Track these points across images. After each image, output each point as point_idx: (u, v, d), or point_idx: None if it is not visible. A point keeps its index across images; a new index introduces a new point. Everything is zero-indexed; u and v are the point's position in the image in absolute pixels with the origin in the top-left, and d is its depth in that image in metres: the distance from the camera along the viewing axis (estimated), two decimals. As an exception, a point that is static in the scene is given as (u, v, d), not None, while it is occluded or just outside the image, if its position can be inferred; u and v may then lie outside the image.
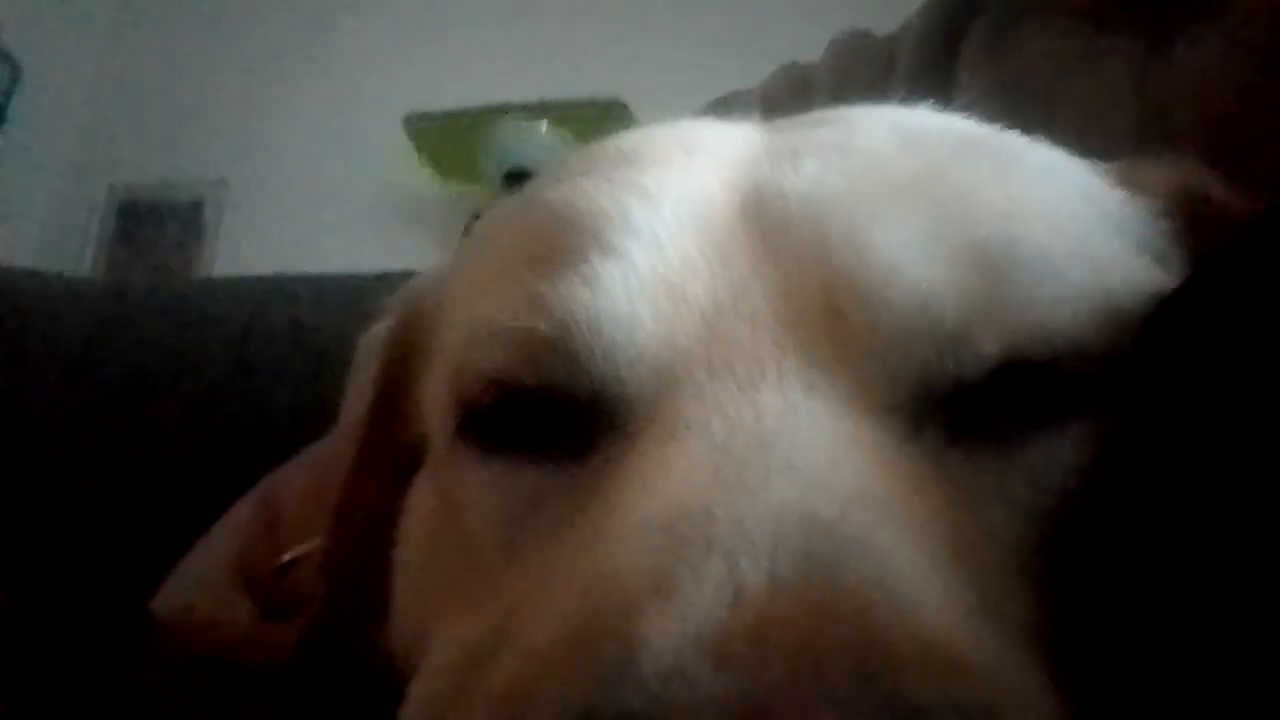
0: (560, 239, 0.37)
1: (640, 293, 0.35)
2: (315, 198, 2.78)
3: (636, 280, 0.35)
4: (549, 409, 0.36)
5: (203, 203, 2.89)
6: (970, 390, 0.33)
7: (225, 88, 2.94)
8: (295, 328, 1.37)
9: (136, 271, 2.86)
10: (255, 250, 2.69)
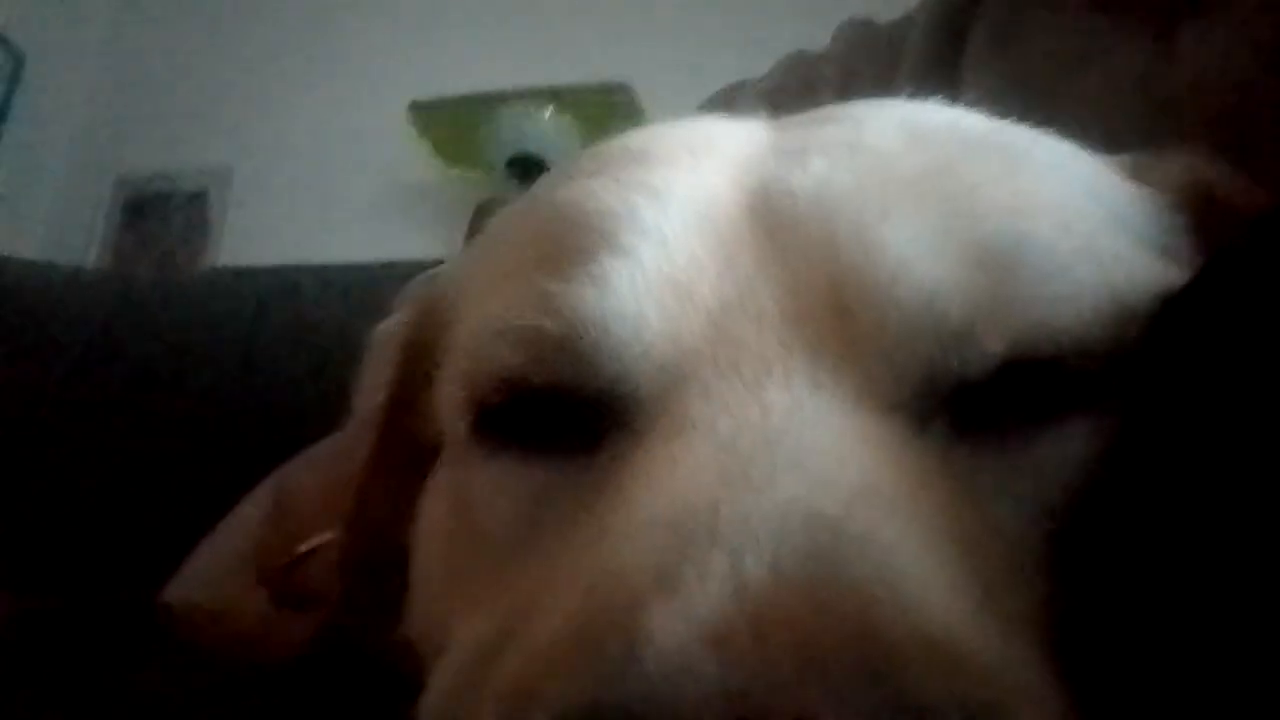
0: (569, 239, 0.38)
1: (647, 292, 0.35)
2: (320, 185, 2.78)
3: (644, 279, 0.36)
4: (559, 407, 0.36)
5: (207, 192, 2.89)
6: (976, 387, 0.33)
7: (229, 77, 2.93)
8: (301, 320, 1.38)
9: (142, 262, 2.86)
10: (260, 239, 2.70)
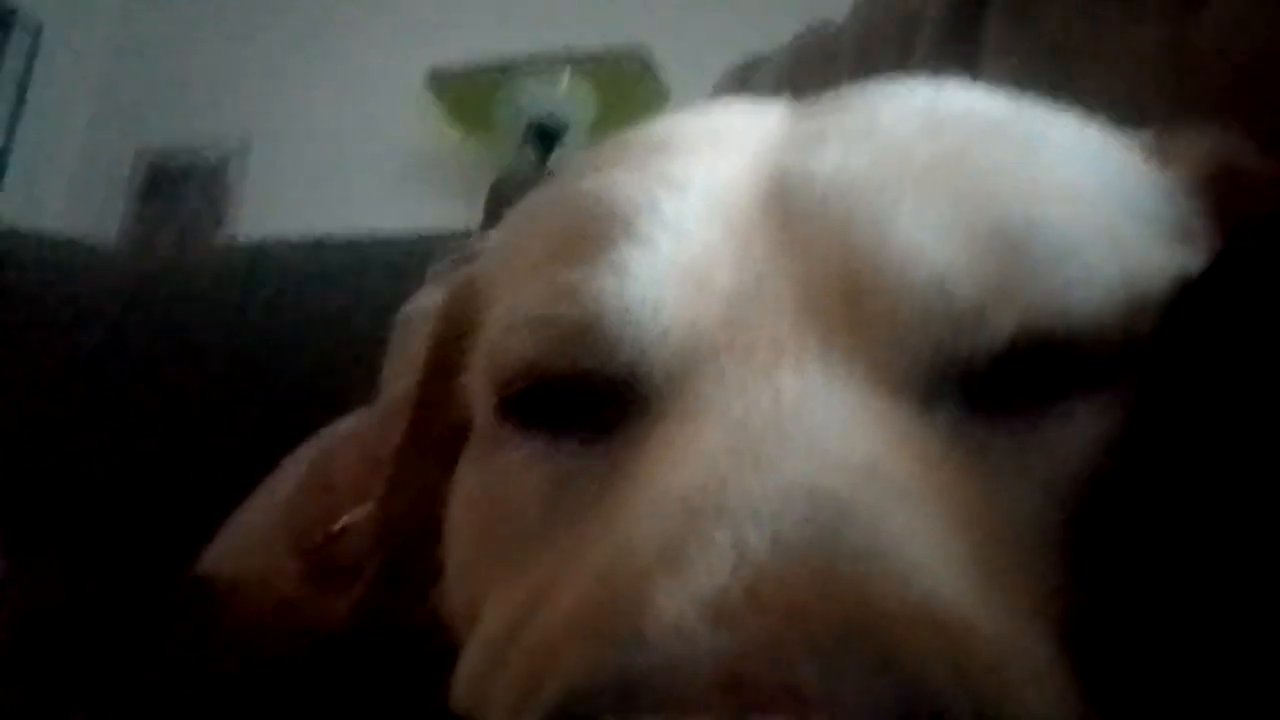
0: (590, 228, 0.39)
1: (666, 279, 0.36)
2: (338, 155, 2.78)
3: (662, 267, 0.37)
4: (581, 392, 0.37)
5: (226, 164, 2.90)
6: (987, 369, 0.34)
7: (246, 48, 2.93)
8: (326, 292, 1.39)
9: (162, 235, 2.88)
10: (280, 210, 2.70)
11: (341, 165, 2.77)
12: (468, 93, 2.60)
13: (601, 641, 0.26)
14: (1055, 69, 0.62)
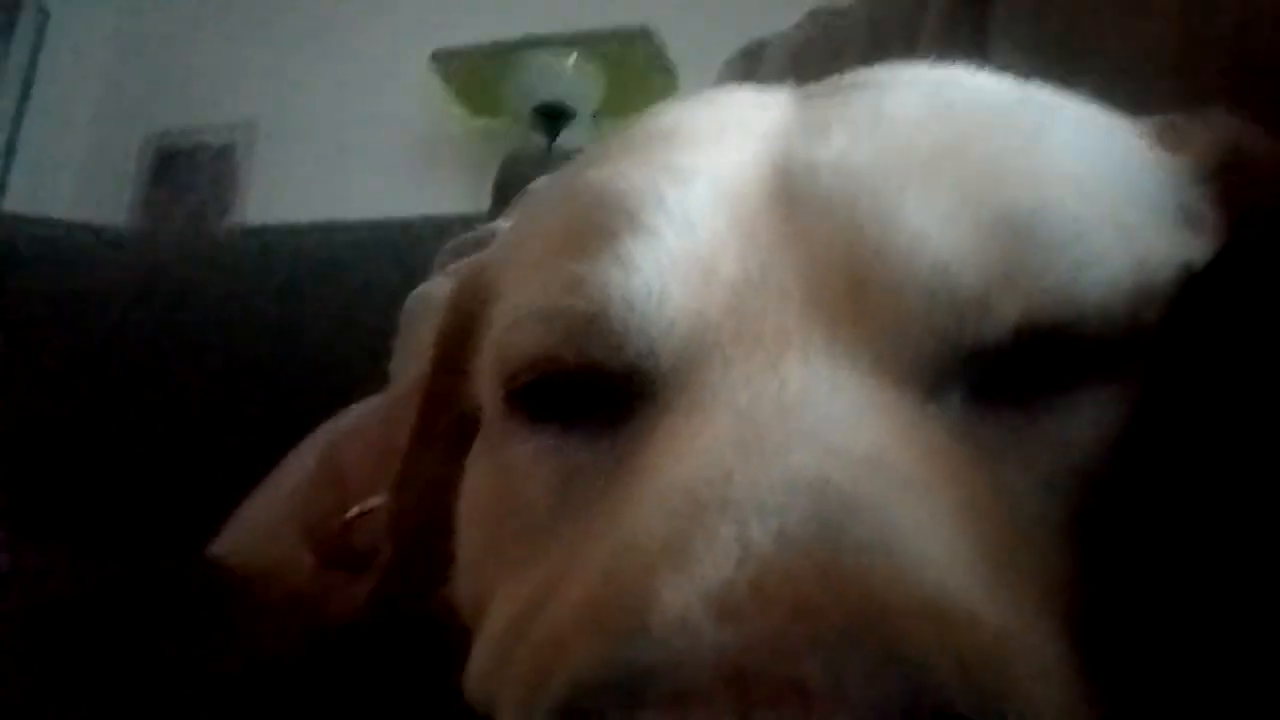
0: (596, 221, 0.39)
1: (671, 270, 0.36)
2: (345, 137, 2.79)
3: (668, 258, 0.37)
4: (589, 383, 0.37)
5: (234, 146, 2.90)
6: (993, 357, 0.34)
7: (253, 30, 2.93)
8: (336, 278, 1.39)
9: (171, 218, 2.89)
10: (288, 192, 2.71)
11: (348, 148, 2.77)
12: (474, 74, 2.59)
13: (607, 636, 0.26)
14: (1063, 53, 0.62)
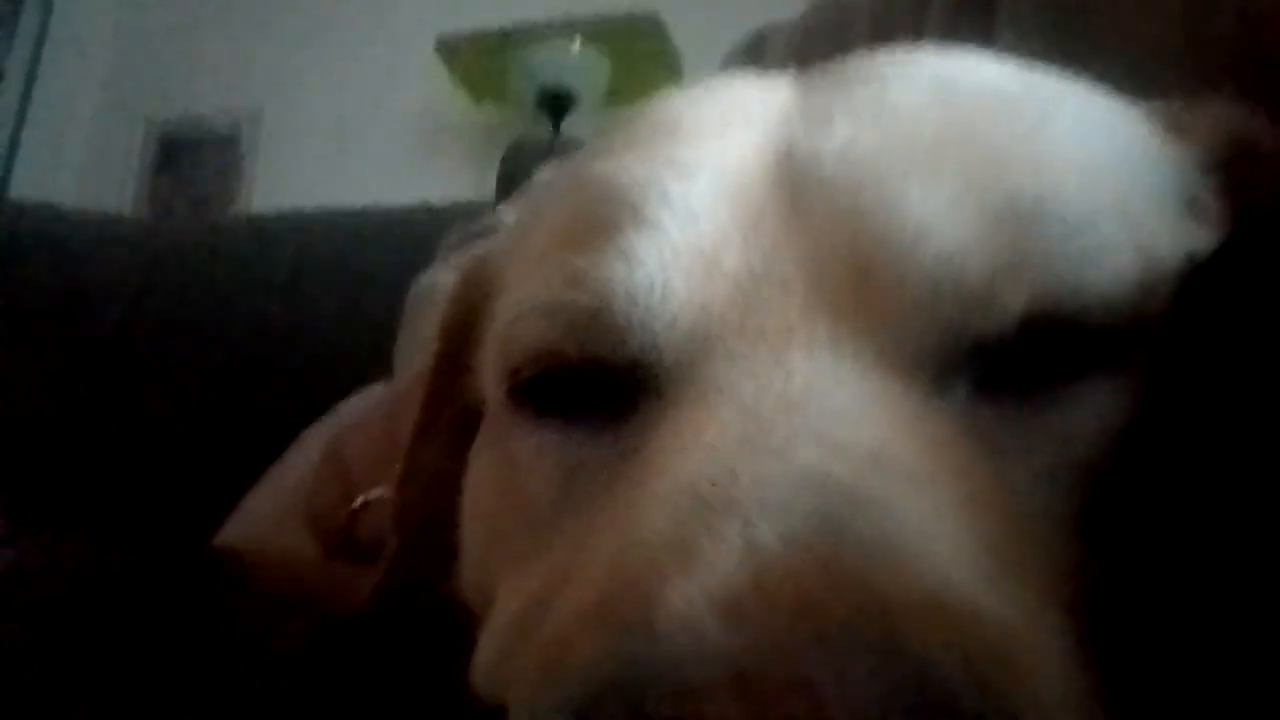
0: (599, 214, 0.39)
1: (674, 264, 0.36)
2: (349, 124, 2.78)
3: (670, 252, 0.37)
4: (593, 378, 0.37)
5: (238, 134, 2.90)
6: (998, 348, 0.34)
7: (256, 17, 2.92)
8: (340, 265, 1.39)
9: (176, 205, 2.89)
10: (292, 179, 2.71)
11: (352, 136, 2.77)
12: (478, 61, 2.58)
13: (613, 636, 0.26)
14: (1071, 38, 0.62)
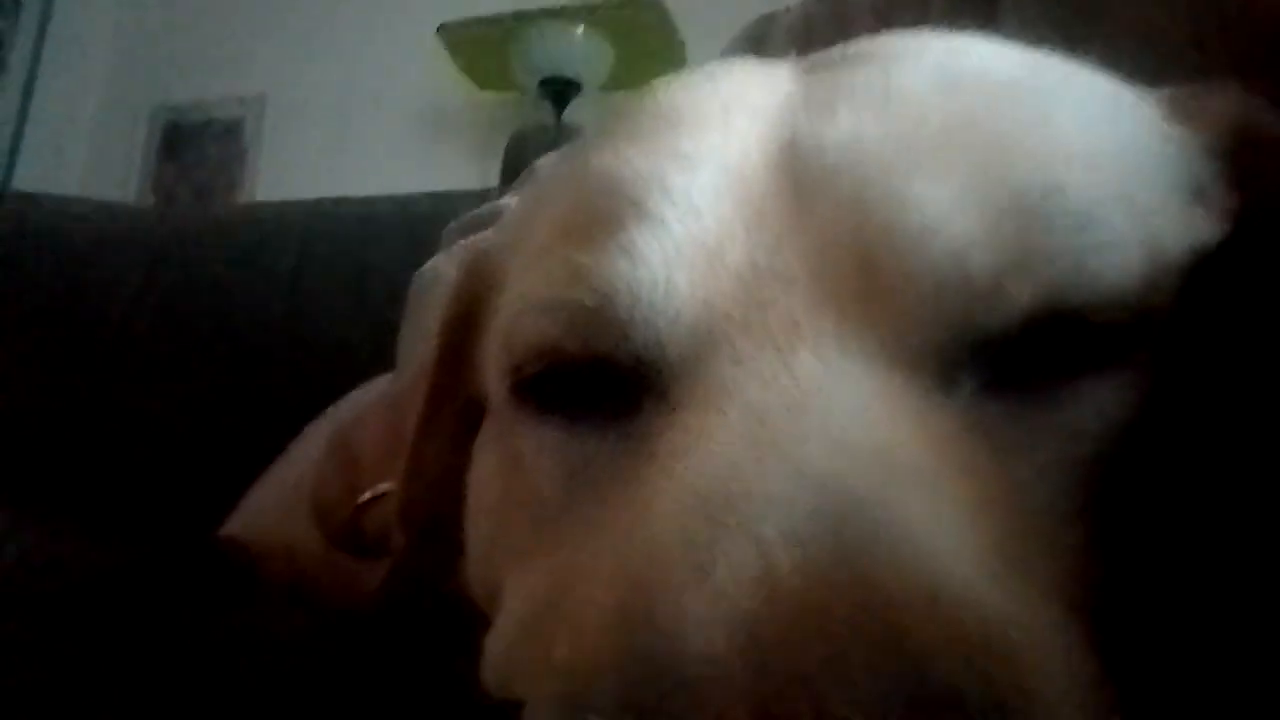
0: (600, 208, 0.38)
1: (677, 259, 0.36)
2: (352, 111, 2.78)
3: (673, 247, 0.36)
4: (596, 375, 0.37)
5: (242, 121, 2.90)
6: (1005, 343, 0.33)
7: (260, 4, 2.92)
8: (345, 253, 1.39)
9: (180, 193, 2.89)
10: (296, 166, 2.71)
11: (355, 122, 2.76)
12: (481, 47, 2.58)
13: (635, 661, 0.26)
14: (1073, 27, 0.61)
